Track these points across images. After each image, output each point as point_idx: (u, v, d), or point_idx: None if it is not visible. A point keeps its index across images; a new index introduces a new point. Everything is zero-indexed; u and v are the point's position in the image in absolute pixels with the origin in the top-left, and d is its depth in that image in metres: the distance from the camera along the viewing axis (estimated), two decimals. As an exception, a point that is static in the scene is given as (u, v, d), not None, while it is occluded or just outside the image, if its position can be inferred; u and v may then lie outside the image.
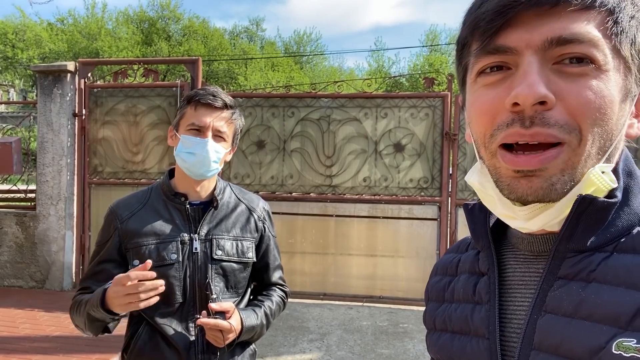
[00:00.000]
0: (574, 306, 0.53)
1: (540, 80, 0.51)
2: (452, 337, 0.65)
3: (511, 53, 0.53)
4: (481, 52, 0.55)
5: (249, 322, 1.42)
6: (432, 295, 0.75)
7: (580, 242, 0.55)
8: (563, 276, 0.55)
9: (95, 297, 1.31)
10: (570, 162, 0.52)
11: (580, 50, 0.51)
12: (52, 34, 26.22)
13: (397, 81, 22.23)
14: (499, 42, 0.54)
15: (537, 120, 0.52)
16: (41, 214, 5.36)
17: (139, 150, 5.33)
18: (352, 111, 5.10)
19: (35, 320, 4.37)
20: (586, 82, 0.52)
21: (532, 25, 0.53)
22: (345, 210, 5.15)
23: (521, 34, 0.53)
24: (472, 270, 0.67)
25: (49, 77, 5.36)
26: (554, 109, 0.51)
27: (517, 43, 0.53)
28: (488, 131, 0.55)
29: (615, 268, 0.52)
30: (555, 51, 0.52)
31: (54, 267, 5.34)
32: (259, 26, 33.93)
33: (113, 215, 1.49)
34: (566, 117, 0.52)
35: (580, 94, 0.51)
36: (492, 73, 0.55)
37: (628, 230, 0.54)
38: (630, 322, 0.48)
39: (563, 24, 0.52)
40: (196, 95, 1.43)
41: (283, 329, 4.36)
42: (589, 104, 0.51)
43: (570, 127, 0.51)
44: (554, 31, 0.52)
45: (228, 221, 1.51)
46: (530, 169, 0.53)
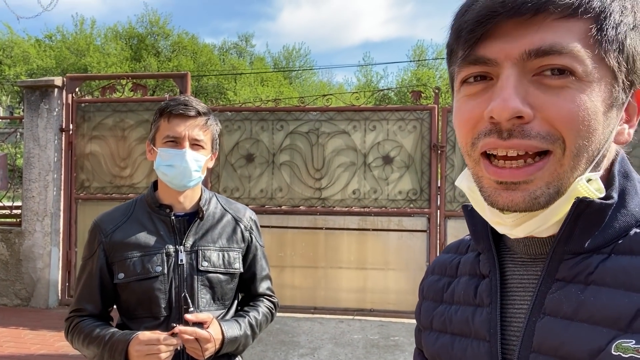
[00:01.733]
0: (573, 308, 0.53)
1: (515, 95, 0.51)
2: (452, 338, 0.65)
3: (491, 64, 0.53)
4: (463, 62, 0.55)
5: (231, 332, 1.40)
6: (429, 294, 0.74)
7: (578, 244, 0.55)
8: (561, 278, 0.55)
9: (119, 352, 1.32)
10: (556, 174, 0.52)
11: (560, 62, 0.50)
12: (40, 50, 26.11)
13: (386, 95, 22.44)
14: (479, 52, 0.54)
15: (515, 133, 0.51)
16: (27, 230, 5.28)
17: (127, 164, 5.29)
18: (340, 124, 5.13)
19: (20, 339, 4.27)
20: (567, 95, 0.51)
21: (512, 35, 0.52)
22: (335, 223, 5.14)
23: (501, 45, 0.52)
24: (472, 273, 0.66)
25: (36, 92, 5.33)
26: (533, 121, 0.51)
27: (496, 54, 0.53)
28: (469, 140, 0.56)
29: (613, 270, 0.52)
30: (535, 62, 0.51)
31: (40, 285, 5.25)
32: (248, 42, 34.13)
33: (97, 229, 1.47)
34: (547, 127, 0.51)
35: (561, 107, 0.51)
36: (474, 83, 0.55)
37: (625, 232, 0.54)
38: (630, 324, 0.49)
39: (543, 34, 0.51)
40: (167, 107, 1.42)
41: (273, 344, 4.31)
42: (571, 115, 0.51)
43: (553, 137, 0.51)
44: (532, 43, 0.51)
45: (214, 232, 1.49)
46: (513, 181, 0.52)
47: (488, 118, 0.52)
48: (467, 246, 0.73)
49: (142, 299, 1.41)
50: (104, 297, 1.46)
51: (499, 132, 0.52)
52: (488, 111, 0.52)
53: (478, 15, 0.53)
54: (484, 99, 0.54)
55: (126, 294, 1.43)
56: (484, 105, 0.53)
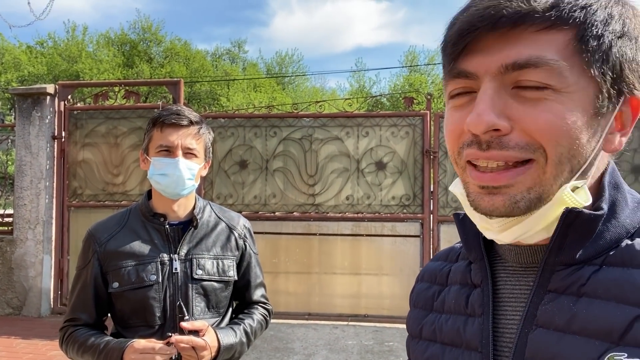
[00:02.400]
0: (566, 321, 0.53)
1: (490, 109, 0.51)
2: (443, 348, 0.64)
3: (472, 78, 0.54)
4: (448, 75, 0.57)
5: (227, 340, 1.41)
6: (419, 303, 0.74)
7: (569, 255, 0.55)
8: (553, 290, 0.55)
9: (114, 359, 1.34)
10: (538, 180, 0.53)
11: (536, 77, 0.51)
12: (32, 56, 25.96)
13: (378, 100, 22.53)
14: (461, 66, 0.55)
15: (493, 144, 0.53)
16: (18, 238, 5.25)
17: (120, 172, 5.28)
18: (333, 130, 5.15)
19: (11, 348, 4.23)
20: (544, 106, 0.51)
21: (492, 49, 0.52)
22: (328, 229, 5.15)
23: (481, 59, 0.53)
24: (463, 282, 0.66)
25: (28, 99, 5.31)
26: (512, 133, 0.52)
27: (476, 68, 0.54)
28: (455, 149, 0.57)
29: (605, 282, 0.52)
30: (513, 76, 0.52)
31: (32, 293, 5.21)
32: (241, 48, 34.17)
33: (91, 238, 1.48)
34: (527, 139, 0.52)
35: (538, 118, 0.51)
36: (460, 96, 0.57)
37: (616, 243, 0.54)
38: (622, 337, 0.49)
39: (520, 48, 0.51)
40: (160, 117, 1.44)
41: (268, 351, 4.30)
42: (548, 125, 0.51)
43: (533, 146, 0.52)
44: (509, 56, 0.51)
45: (208, 240, 1.50)
46: (495, 185, 0.53)
47: (467, 130, 0.54)
48: (458, 254, 0.72)
49: (136, 308, 1.42)
50: (98, 307, 1.47)
51: (478, 144, 0.53)
52: (466, 125, 0.54)
53: (459, 29, 0.54)
54: (466, 111, 0.55)
55: (121, 303, 1.44)
56: (466, 117, 0.54)
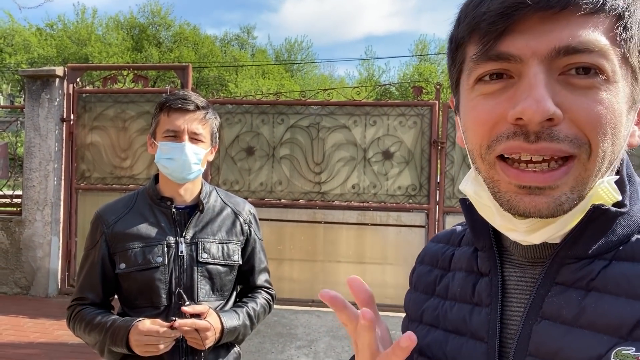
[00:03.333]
0: (574, 315, 0.52)
1: (547, 96, 0.47)
2: (446, 335, 0.63)
3: (515, 61, 0.49)
4: (481, 57, 0.51)
5: (230, 323, 1.43)
6: (420, 286, 0.73)
7: (582, 250, 0.53)
8: (561, 282, 0.54)
9: (120, 338, 1.36)
10: (580, 178, 0.50)
11: (589, 61, 0.48)
12: (41, 39, 26.01)
13: (387, 90, 22.39)
14: (502, 48, 0.49)
15: (544, 136, 0.48)
16: (27, 219, 5.31)
17: (128, 155, 5.31)
18: (341, 119, 5.14)
19: (19, 327, 4.31)
20: (596, 96, 0.48)
21: (538, 31, 0.48)
22: (334, 217, 5.16)
23: (527, 40, 0.48)
24: (469, 269, 0.64)
25: (37, 81, 5.33)
26: (561, 124, 0.48)
27: (522, 51, 0.49)
28: (485, 142, 0.52)
29: (615, 277, 0.51)
30: (563, 60, 0.48)
31: (39, 273, 5.28)
32: (250, 34, 34.04)
33: (99, 220, 1.50)
34: (575, 130, 0.48)
35: (591, 109, 0.48)
36: (492, 81, 0.52)
37: (627, 238, 0.53)
38: (631, 332, 0.48)
39: (571, 31, 0.48)
40: (167, 102, 1.45)
41: (271, 336, 4.34)
42: (600, 118, 0.48)
43: (580, 141, 0.49)
44: (561, 39, 0.48)
45: (214, 224, 1.52)
46: (538, 186, 0.50)
47: (514, 119, 0.49)
48: (460, 238, 0.70)
49: (143, 289, 1.44)
50: (105, 287, 1.49)
51: (525, 135, 0.49)
52: (517, 111, 0.48)
53: (501, 6, 0.49)
54: (504, 99, 0.50)
55: (127, 284, 1.46)
56: (506, 105, 0.50)
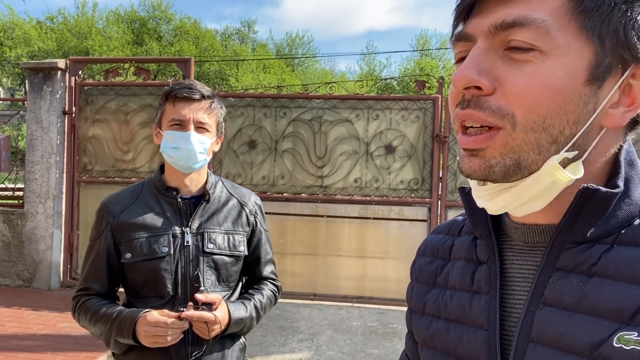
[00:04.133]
0: (576, 300, 0.52)
1: (472, 66, 0.52)
2: (447, 325, 0.64)
3: (471, 40, 0.55)
4: (453, 39, 0.57)
5: (237, 314, 1.43)
6: (421, 277, 0.73)
7: (580, 234, 0.53)
8: (562, 268, 0.54)
9: (126, 329, 1.35)
10: (508, 147, 0.52)
11: (522, 37, 0.50)
12: (42, 32, 25.91)
13: (388, 84, 22.34)
14: (462, 29, 0.56)
15: (471, 104, 0.53)
16: (29, 212, 5.31)
17: (130, 148, 5.30)
18: (343, 112, 5.13)
19: (22, 319, 4.32)
20: (527, 69, 0.51)
21: (491, 11, 0.53)
22: (336, 211, 5.16)
23: (478, 20, 0.54)
24: (468, 257, 0.65)
25: (39, 74, 5.32)
26: (493, 95, 0.52)
27: (472, 30, 0.54)
28: (453, 114, 0.57)
29: (616, 262, 0.51)
30: (502, 36, 0.52)
31: (42, 266, 5.29)
32: (251, 28, 33.92)
33: (105, 210, 1.49)
34: (501, 102, 0.51)
35: (517, 81, 0.51)
36: (461, 61, 0.57)
37: (628, 222, 0.53)
38: (633, 317, 0.48)
39: (512, 8, 0.51)
40: (173, 91, 1.45)
41: (273, 329, 4.35)
42: (525, 90, 0.50)
43: (503, 112, 0.51)
44: (499, 17, 0.52)
45: (220, 215, 1.51)
46: (471, 148, 0.54)
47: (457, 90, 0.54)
48: (460, 228, 0.71)
49: (148, 279, 1.44)
50: (110, 277, 1.48)
51: (461, 103, 0.54)
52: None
53: None
54: None
55: (133, 274, 1.46)
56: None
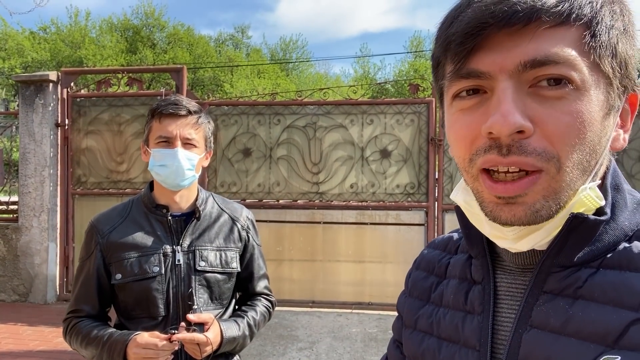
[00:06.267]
0: (562, 323, 0.52)
1: (515, 109, 0.49)
2: (440, 343, 0.64)
3: (485, 77, 0.51)
4: (454, 76, 0.53)
5: (230, 333, 1.41)
6: (414, 292, 0.73)
7: (568, 258, 0.54)
8: (549, 291, 0.55)
9: (117, 352, 1.33)
10: (551, 189, 0.51)
11: (557, 72, 0.49)
12: (35, 42, 25.87)
13: (383, 87, 22.37)
14: (471, 66, 0.52)
15: (514, 149, 0.50)
16: (23, 225, 5.27)
17: (124, 159, 5.27)
18: (338, 118, 5.11)
19: (18, 335, 4.28)
20: (564, 107, 0.49)
21: (505, 46, 0.50)
22: (332, 217, 5.14)
23: (494, 57, 0.50)
24: (462, 276, 0.65)
25: (31, 87, 5.29)
26: (532, 136, 0.50)
27: (490, 67, 0.51)
28: (467, 156, 0.54)
29: (601, 285, 0.52)
30: (530, 74, 0.50)
31: (37, 280, 5.25)
32: (245, 33, 33.94)
33: (94, 230, 1.47)
34: (545, 144, 0.50)
35: (559, 120, 0.49)
36: (468, 97, 0.54)
37: (614, 246, 0.54)
38: (617, 341, 0.49)
39: (537, 44, 0.49)
40: (158, 107, 1.43)
41: (272, 338, 4.32)
42: (568, 130, 0.49)
43: (549, 154, 0.50)
44: (527, 53, 0.49)
45: (211, 231, 1.49)
46: (510, 196, 0.51)
47: (486, 134, 0.51)
48: (457, 246, 0.71)
49: (139, 300, 1.41)
50: (101, 298, 1.46)
51: (499, 148, 0.50)
52: (487, 127, 0.50)
53: (467, 26, 0.51)
54: (479, 114, 0.52)
55: (124, 295, 1.43)
56: (481, 119, 0.51)
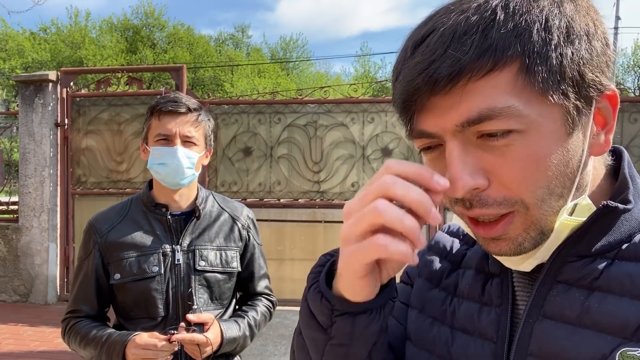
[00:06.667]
0: (578, 314, 0.52)
1: (463, 171, 0.50)
2: (453, 333, 0.63)
3: (435, 136, 0.52)
4: (410, 135, 0.55)
5: (230, 333, 1.39)
6: (424, 272, 0.72)
7: (586, 248, 0.54)
8: (564, 281, 0.54)
9: (116, 353, 1.32)
10: (529, 222, 0.52)
11: (494, 127, 0.48)
12: (35, 43, 25.85)
13: (384, 86, 22.33)
14: (419, 127, 0.53)
15: (475, 202, 0.52)
16: (24, 226, 5.25)
17: (123, 159, 5.25)
18: (338, 116, 5.09)
19: (19, 336, 4.27)
20: (514, 153, 0.49)
21: (441, 108, 0.50)
22: (334, 216, 5.12)
23: (434, 119, 0.51)
24: (479, 268, 0.64)
25: (30, 87, 5.27)
26: (489, 188, 0.51)
27: (434, 128, 0.51)
28: (447, 199, 0.55)
29: (619, 277, 0.51)
30: (472, 130, 0.49)
31: (38, 280, 5.23)
32: (245, 33, 33.91)
33: (92, 229, 1.45)
34: (503, 192, 0.50)
35: (512, 168, 0.49)
36: (430, 151, 0.55)
37: (629, 237, 0.53)
38: (635, 333, 0.48)
39: (468, 102, 0.48)
40: (157, 105, 1.41)
41: (273, 338, 4.30)
42: (523, 174, 0.49)
43: (510, 201, 0.50)
44: (461, 115, 0.49)
45: (211, 231, 1.47)
46: (491, 237, 0.53)
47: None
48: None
49: (138, 300, 1.40)
50: (100, 298, 1.44)
51: (462, 203, 0.53)
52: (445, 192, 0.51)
53: (404, 92, 0.51)
54: (443, 165, 0.53)
55: (122, 295, 1.42)
56: (445, 172, 0.52)
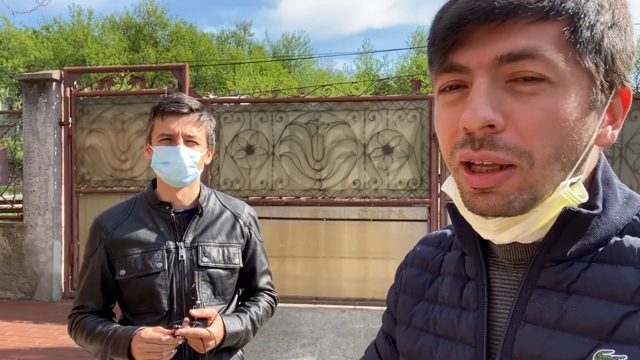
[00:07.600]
0: (556, 318, 0.53)
1: (486, 104, 0.50)
2: (436, 340, 0.64)
3: (465, 72, 0.53)
4: (438, 70, 0.55)
5: (233, 328, 1.42)
6: (408, 288, 0.74)
7: (560, 252, 0.55)
8: (542, 285, 0.55)
9: (122, 347, 1.34)
10: (525, 183, 0.51)
11: (532, 68, 0.50)
12: (38, 41, 25.91)
13: (385, 83, 22.33)
14: (452, 60, 0.53)
15: (485, 143, 0.51)
16: (28, 224, 5.30)
17: (127, 157, 5.29)
18: (340, 114, 5.11)
19: (24, 333, 4.31)
20: (538, 102, 0.50)
21: (484, 42, 0.51)
22: (335, 214, 5.15)
23: (473, 52, 0.52)
24: (457, 273, 0.66)
25: (34, 86, 5.31)
26: (505, 131, 0.50)
27: (468, 62, 0.52)
28: (449, 149, 0.55)
29: (595, 279, 0.52)
30: (507, 68, 0.50)
31: (43, 278, 5.28)
32: (247, 31, 33.90)
33: (98, 227, 1.49)
34: (516, 139, 0.50)
35: (531, 116, 0.50)
36: (451, 92, 0.55)
37: (605, 240, 0.54)
38: (611, 334, 0.50)
39: (514, 39, 0.50)
40: (160, 105, 1.45)
41: (275, 334, 4.34)
42: (540, 126, 0.50)
43: (520, 150, 0.50)
44: (503, 48, 0.50)
45: (213, 228, 1.51)
46: (484, 187, 0.52)
47: (462, 129, 0.52)
48: (450, 243, 0.72)
49: (143, 295, 1.43)
50: (105, 294, 1.48)
51: (472, 143, 0.52)
52: (460, 121, 0.52)
53: (448, 23, 0.52)
54: (459, 108, 0.53)
55: (128, 291, 1.45)
56: (460, 114, 0.52)
